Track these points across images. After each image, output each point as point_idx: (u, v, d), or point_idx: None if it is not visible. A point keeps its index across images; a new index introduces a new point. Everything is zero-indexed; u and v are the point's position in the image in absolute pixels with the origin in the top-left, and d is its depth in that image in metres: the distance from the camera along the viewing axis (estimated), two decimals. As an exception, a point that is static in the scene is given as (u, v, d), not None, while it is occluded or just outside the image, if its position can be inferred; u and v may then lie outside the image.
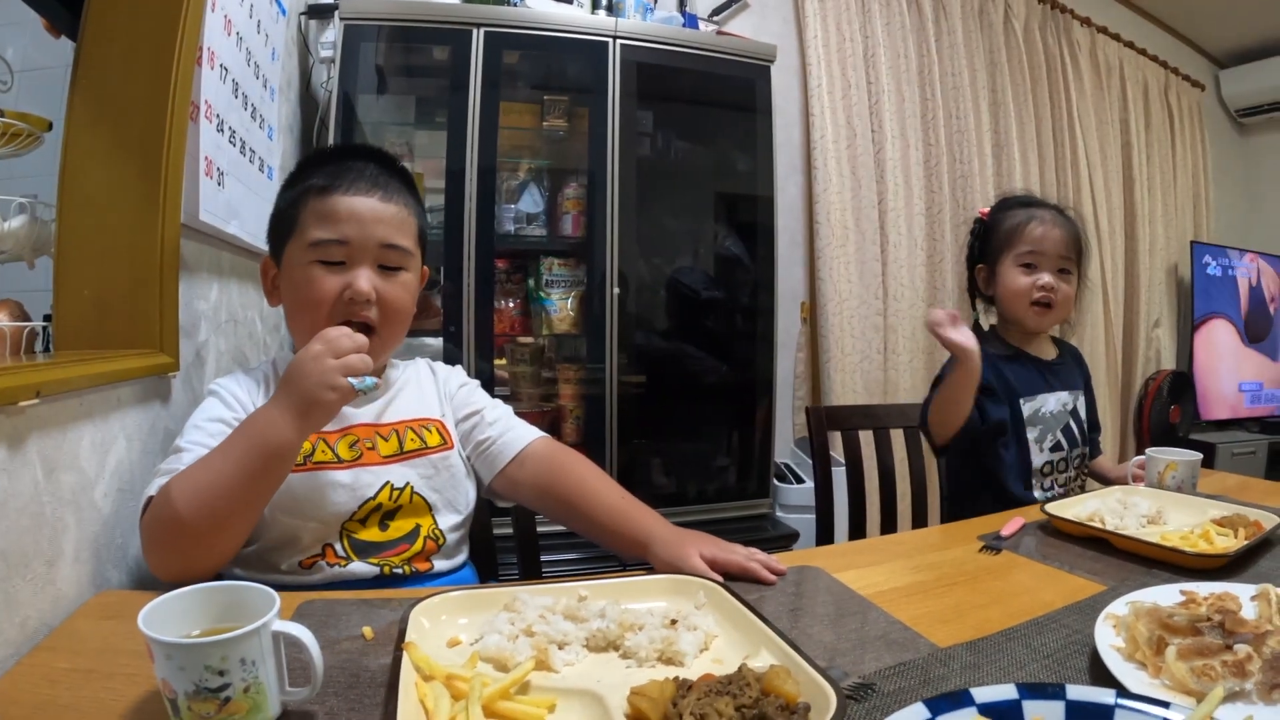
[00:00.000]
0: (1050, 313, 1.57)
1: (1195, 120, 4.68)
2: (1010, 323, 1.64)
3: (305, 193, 1.02)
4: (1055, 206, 1.61)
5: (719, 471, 2.63)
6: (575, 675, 0.70)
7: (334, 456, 1.01)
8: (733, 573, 0.94)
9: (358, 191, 1.01)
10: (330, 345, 0.88)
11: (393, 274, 1.04)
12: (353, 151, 1.07)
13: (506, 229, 2.37)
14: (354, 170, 1.02)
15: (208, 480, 0.84)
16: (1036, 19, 3.73)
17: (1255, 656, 0.68)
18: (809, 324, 3.10)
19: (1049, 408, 1.59)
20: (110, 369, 0.94)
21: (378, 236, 1.01)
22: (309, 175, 1.03)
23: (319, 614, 0.81)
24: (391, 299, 1.03)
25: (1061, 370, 1.65)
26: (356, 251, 1.00)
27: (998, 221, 1.62)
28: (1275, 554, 1.09)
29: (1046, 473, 1.57)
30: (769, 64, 2.53)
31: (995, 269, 1.61)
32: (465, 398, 1.18)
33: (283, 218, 1.05)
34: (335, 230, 0.99)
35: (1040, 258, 1.55)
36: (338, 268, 1.00)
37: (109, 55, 1.05)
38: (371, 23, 2.15)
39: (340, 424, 1.04)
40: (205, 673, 0.56)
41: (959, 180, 3.32)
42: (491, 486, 1.15)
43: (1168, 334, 4.43)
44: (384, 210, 1.02)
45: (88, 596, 0.88)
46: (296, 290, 1.02)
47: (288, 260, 1.03)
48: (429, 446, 1.09)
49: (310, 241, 1.00)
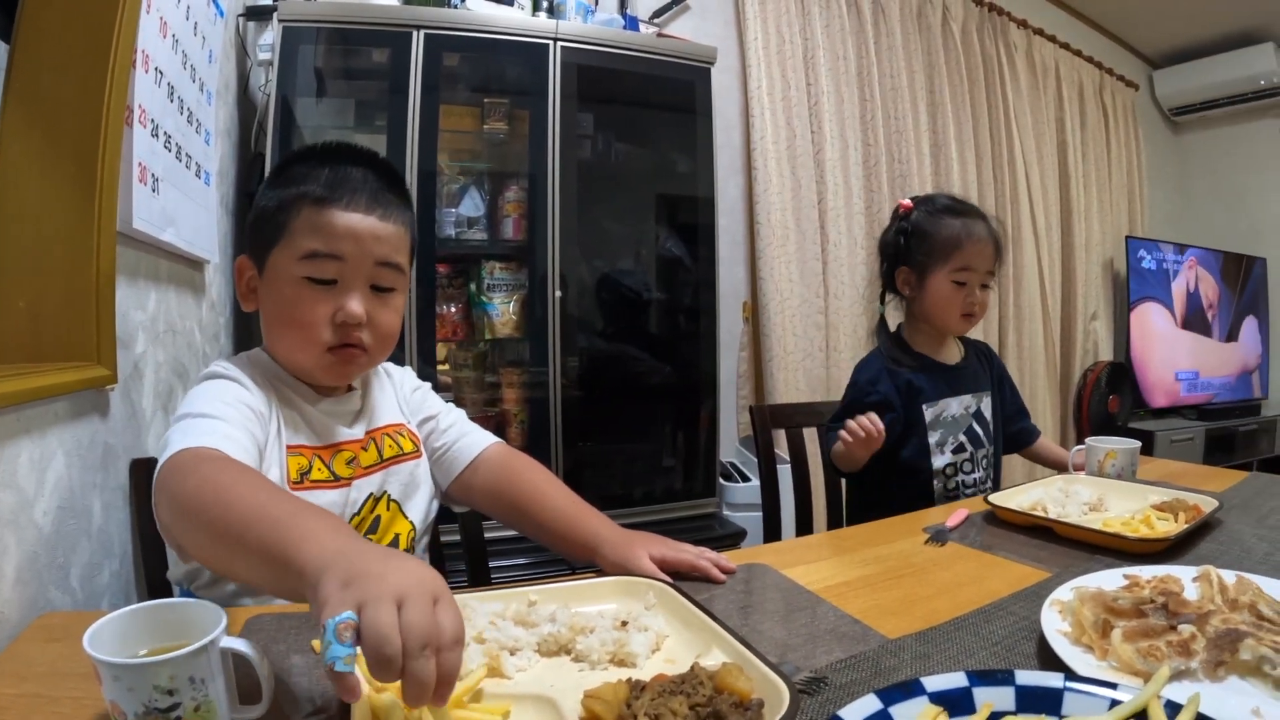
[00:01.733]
0: (973, 321, 1.62)
1: (1130, 119, 4.82)
2: (927, 325, 1.65)
3: (299, 199, 0.94)
4: (983, 215, 1.62)
5: (665, 472, 2.64)
6: (528, 680, 0.70)
7: (330, 475, 0.97)
8: (683, 572, 0.95)
9: (357, 208, 0.94)
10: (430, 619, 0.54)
11: (385, 295, 0.99)
12: (350, 155, 1.00)
13: (447, 233, 2.36)
14: (353, 181, 0.96)
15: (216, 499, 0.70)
16: (974, 21, 3.81)
17: (1199, 636, 0.70)
18: (751, 323, 3.14)
19: (951, 411, 1.62)
20: (46, 383, 0.91)
21: (375, 255, 0.95)
22: (302, 179, 0.95)
23: (268, 629, 0.80)
24: (383, 323, 0.98)
25: (965, 374, 1.67)
26: (351, 270, 0.94)
27: (930, 228, 1.60)
28: (1214, 537, 1.13)
29: (950, 474, 1.60)
30: (709, 66, 2.54)
31: (924, 277, 1.61)
32: (420, 402, 1.17)
33: (269, 220, 0.96)
34: (331, 246, 0.93)
35: (972, 274, 1.57)
36: (328, 287, 0.94)
37: (42, 59, 1.02)
38: (310, 25, 2.12)
39: (332, 440, 1.00)
40: (154, 693, 0.54)
41: (898, 179, 3.38)
42: (448, 492, 1.14)
43: (1105, 326, 4.56)
44: (383, 229, 0.96)
45: (30, 619, 0.85)
46: (284, 306, 0.95)
47: (273, 268, 0.96)
48: (405, 453, 1.07)
49: (302, 254, 0.93)
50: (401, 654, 0.50)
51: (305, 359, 0.98)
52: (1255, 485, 1.46)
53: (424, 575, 0.56)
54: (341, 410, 1.04)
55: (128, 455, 1.20)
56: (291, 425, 0.97)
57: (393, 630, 0.51)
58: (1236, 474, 1.56)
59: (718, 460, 2.64)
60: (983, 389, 1.69)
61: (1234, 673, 0.68)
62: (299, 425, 0.98)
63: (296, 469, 0.95)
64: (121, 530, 1.18)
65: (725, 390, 2.93)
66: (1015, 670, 0.63)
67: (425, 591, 0.54)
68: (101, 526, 1.10)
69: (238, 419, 0.88)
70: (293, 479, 0.94)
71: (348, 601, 0.52)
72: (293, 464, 0.95)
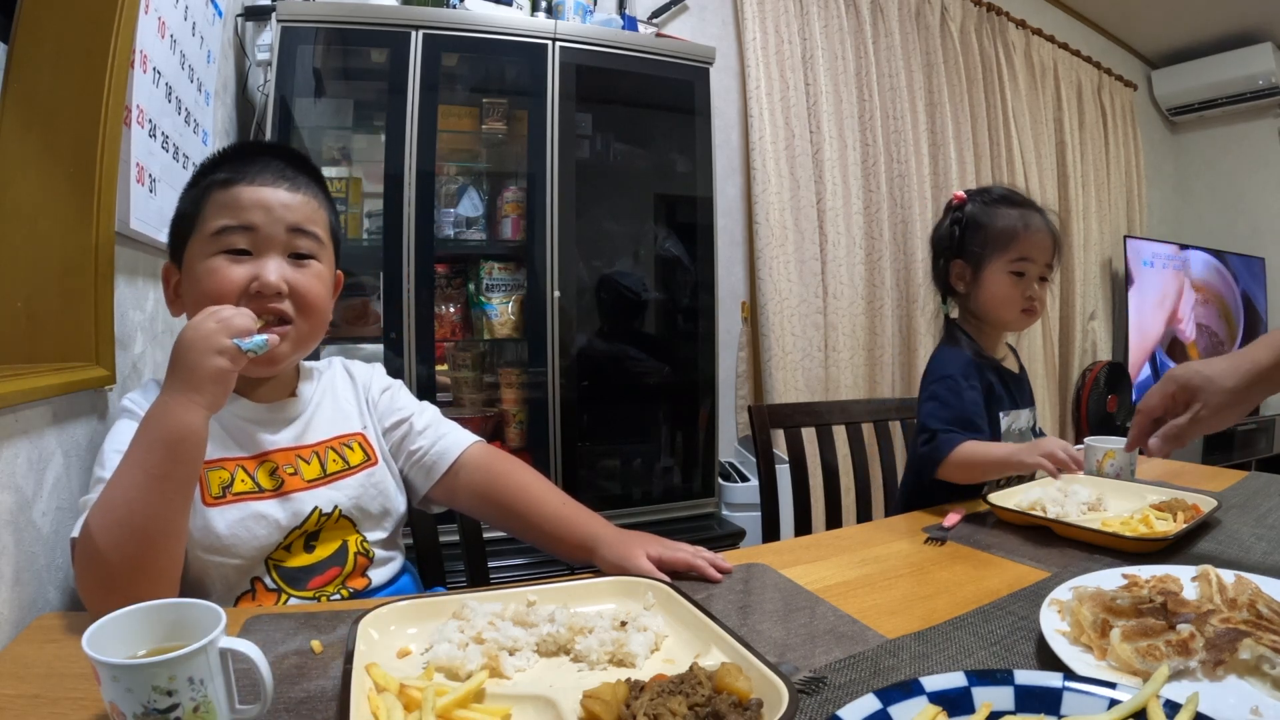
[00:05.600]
0: (1033, 317, 1.54)
1: (1128, 119, 4.83)
2: (986, 324, 1.57)
3: (208, 188, 0.95)
4: (1039, 208, 1.54)
5: (664, 472, 2.64)
6: (527, 681, 0.70)
7: (255, 486, 0.95)
8: (679, 570, 0.95)
9: (264, 182, 0.94)
10: (214, 314, 0.83)
11: (303, 263, 0.97)
12: (257, 148, 1.01)
13: (446, 233, 2.36)
14: (259, 163, 0.96)
15: (119, 497, 0.77)
16: (972, 21, 3.82)
17: (1198, 635, 0.70)
18: (750, 323, 3.14)
19: (1020, 424, 1.56)
20: (45, 384, 0.91)
21: (287, 220, 0.94)
22: (211, 172, 0.96)
23: (266, 629, 0.79)
24: (304, 288, 0.96)
25: (1025, 384, 1.63)
26: (263, 239, 0.93)
27: (987, 218, 1.52)
28: (1213, 536, 1.13)
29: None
30: (708, 66, 2.55)
31: (979, 270, 1.52)
32: (389, 404, 1.13)
33: (184, 218, 0.97)
34: (240, 217, 0.92)
35: (1031, 265, 1.49)
36: (243, 257, 0.93)
37: (41, 58, 1.02)
38: (309, 25, 2.12)
39: (256, 450, 0.98)
40: (153, 694, 0.54)
41: (896, 179, 3.38)
42: (429, 496, 1.12)
43: (1103, 326, 4.56)
44: (292, 199, 0.96)
45: (29, 620, 0.85)
46: (198, 284, 0.92)
47: (189, 258, 0.95)
48: (351, 466, 1.04)
49: (212, 231, 0.92)
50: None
51: None
52: (1254, 485, 1.46)
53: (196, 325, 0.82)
54: (272, 418, 1.01)
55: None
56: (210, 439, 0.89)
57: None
58: (1235, 473, 1.57)
59: (716, 460, 2.64)
60: (1033, 403, 1.63)
61: (1233, 672, 0.68)
62: (216, 436, 0.94)
63: (218, 483, 0.93)
64: (120, 531, 1.17)
65: (724, 390, 2.93)
66: (1014, 670, 0.63)
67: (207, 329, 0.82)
68: (100, 527, 1.10)
69: None
70: (214, 494, 0.92)
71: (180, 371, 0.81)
72: (213, 478, 0.93)
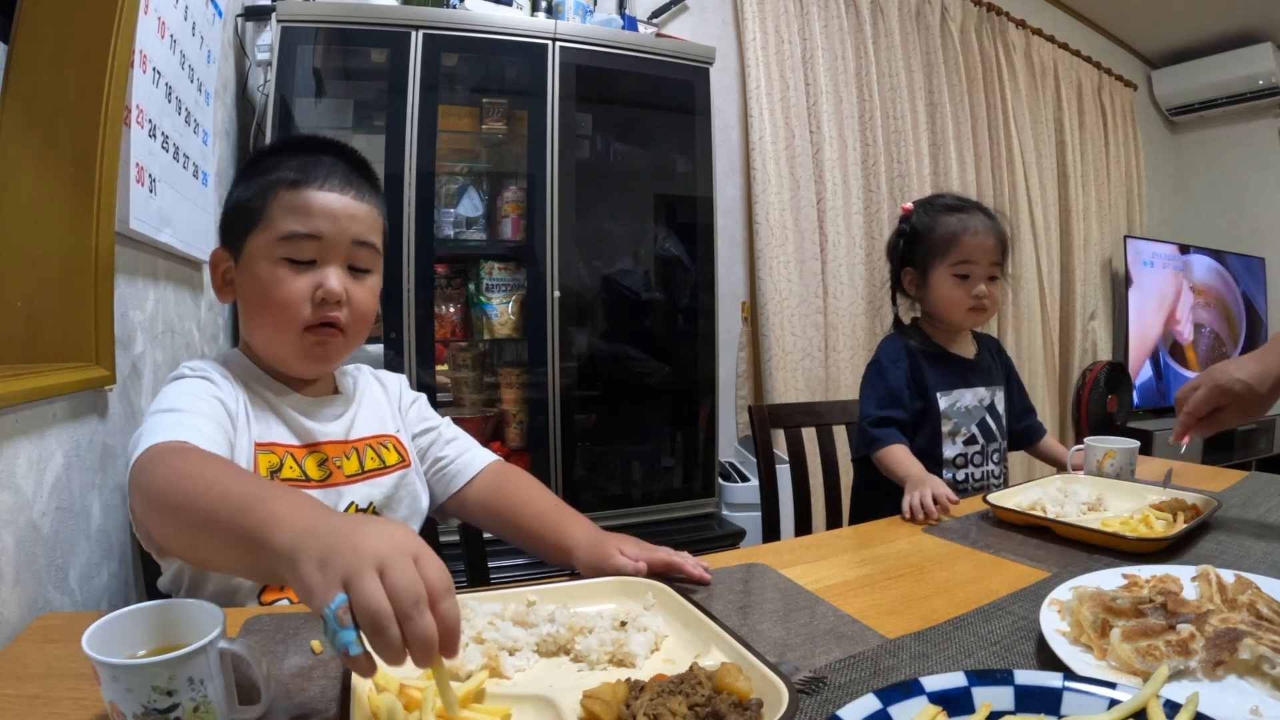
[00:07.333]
0: (983, 315, 1.62)
1: (1128, 119, 4.83)
2: (939, 322, 1.67)
3: (274, 185, 0.95)
4: (983, 209, 1.63)
5: (664, 472, 2.65)
6: (527, 681, 0.70)
7: (301, 474, 0.97)
8: (659, 570, 0.93)
9: (332, 188, 0.96)
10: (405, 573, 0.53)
11: (361, 276, 1.00)
12: (321, 145, 1.02)
13: (446, 233, 2.36)
14: (325, 166, 0.97)
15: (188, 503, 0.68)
16: (972, 21, 3.82)
17: (1198, 635, 0.70)
18: (750, 323, 3.14)
19: (964, 402, 1.63)
20: (45, 384, 0.91)
21: (351, 233, 0.97)
22: (275, 166, 0.97)
23: (266, 629, 0.80)
24: (360, 301, 0.99)
25: (980, 367, 1.69)
26: (329, 249, 0.95)
27: (928, 227, 1.63)
28: (1213, 536, 1.13)
29: (959, 464, 1.62)
30: (708, 66, 2.55)
31: (926, 275, 1.63)
32: (418, 413, 1.17)
33: (245, 209, 0.97)
34: (309, 225, 0.94)
35: (974, 267, 1.57)
36: (306, 267, 0.95)
37: (41, 58, 1.02)
38: (309, 25, 2.13)
39: (308, 440, 1.00)
40: (153, 694, 0.54)
41: (896, 179, 3.38)
42: (444, 506, 1.14)
43: (1103, 326, 4.56)
44: (358, 209, 0.98)
45: (29, 620, 0.85)
46: (261, 288, 0.95)
47: (250, 254, 0.96)
48: (388, 465, 1.06)
49: (281, 235, 0.94)
50: (397, 619, 0.50)
51: (283, 340, 0.97)
52: (1254, 485, 1.46)
53: (395, 534, 0.55)
54: (320, 410, 1.04)
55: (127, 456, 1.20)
56: (263, 422, 0.97)
57: (382, 600, 0.50)
58: (1235, 473, 1.56)
59: (717, 460, 2.64)
60: (996, 383, 1.70)
61: (1233, 672, 0.68)
62: (270, 422, 0.98)
63: (266, 466, 0.94)
64: (120, 531, 1.17)
65: (724, 390, 2.93)
66: (1014, 670, 0.63)
67: (403, 551, 0.53)
68: (100, 527, 1.10)
69: (206, 411, 0.89)
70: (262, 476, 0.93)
71: (331, 582, 0.51)
72: (263, 461, 0.94)
